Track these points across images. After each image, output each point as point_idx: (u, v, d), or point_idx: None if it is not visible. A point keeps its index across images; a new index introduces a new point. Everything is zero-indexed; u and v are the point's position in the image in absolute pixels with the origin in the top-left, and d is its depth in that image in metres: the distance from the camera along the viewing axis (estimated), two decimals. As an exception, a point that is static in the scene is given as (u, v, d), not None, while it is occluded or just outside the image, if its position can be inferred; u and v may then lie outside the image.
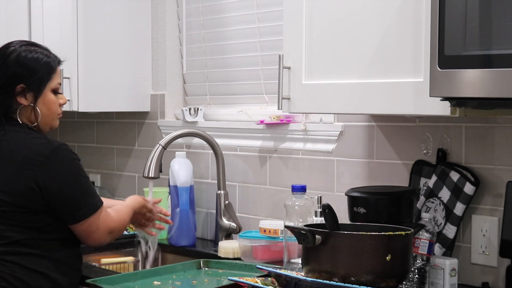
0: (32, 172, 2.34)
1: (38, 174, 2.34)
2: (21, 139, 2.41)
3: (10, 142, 2.40)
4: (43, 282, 2.38)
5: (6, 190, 2.35)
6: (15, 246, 2.37)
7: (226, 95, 3.36)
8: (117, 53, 3.46)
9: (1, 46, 2.52)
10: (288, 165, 2.98)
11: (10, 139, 2.40)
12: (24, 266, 2.36)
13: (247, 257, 2.80)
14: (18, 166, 2.35)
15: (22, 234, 2.37)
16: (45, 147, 2.38)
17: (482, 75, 1.83)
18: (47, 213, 2.38)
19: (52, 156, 2.36)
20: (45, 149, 2.37)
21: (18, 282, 2.34)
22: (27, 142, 2.39)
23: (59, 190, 2.36)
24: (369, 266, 2.11)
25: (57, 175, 2.36)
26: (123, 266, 3.10)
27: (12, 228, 2.36)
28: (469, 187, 2.38)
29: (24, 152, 2.37)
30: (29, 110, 2.46)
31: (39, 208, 2.36)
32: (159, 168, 2.94)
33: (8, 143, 2.40)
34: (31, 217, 2.36)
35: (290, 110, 2.43)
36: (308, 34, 2.36)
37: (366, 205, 2.38)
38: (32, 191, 2.34)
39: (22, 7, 3.55)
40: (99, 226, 2.43)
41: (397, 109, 2.16)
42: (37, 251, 2.38)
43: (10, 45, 2.51)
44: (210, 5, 3.38)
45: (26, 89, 2.45)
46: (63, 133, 4.05)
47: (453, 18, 1.87)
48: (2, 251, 2.36)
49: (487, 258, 2.40)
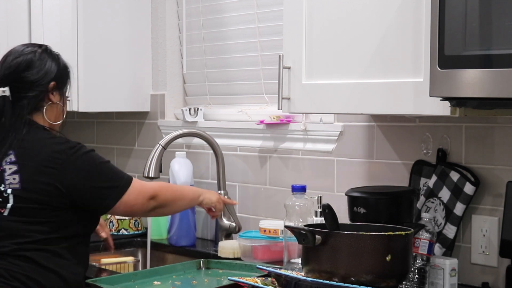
0: (55, 171, 2.37)
1: (61, 173, 2.37)
2: (42, 138, 2.44)
3: (31, 141, 2.42)
4: (55, 281, 2.38)
5: (28, 188, 2.37)
6: (31, 243, 2.38)
7: (226, 95, 3.36)
8: (117, 53, 3.46)
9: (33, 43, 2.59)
10: (288, 165, 2.98)
11: (31, 138, 2.43)
12: (38, 263, 2.37)
13: (247, 257, 2.80)
14: (40, 165, 2.37)
15: (40, 231, 2.38)
16: (65, 146, 2.41)
17: (482, 75, 1.83)
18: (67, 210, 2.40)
19: (73, 154, 2.40)
20: (66, 148, 2.40)
21: (31, 281, 2.35)
22: (48, 142, 2.43)
23: (84, 185, 2.39)
24: (369, 266, 2.11)
25: (79, 172, 2.39)
26: (123, 266, 3.10)
27: (30, 226, 2.37)
28: (469, 187, 2.38)
29: (45, 151, 2.39)
30: (54, 109, 2.50)
31: (60, 205, 2.38)
32: (159, 168, 2.94)
33: (30, 143, 2.42)
34: (50, 213, 2.38)
35: (290, 110, 2.43)
36: (308, 34, 2.36)
37: (366, 205, 2.38)
38: (56, 189, 2.36)
39: (22, 7, 3.55)
40: (136, 200, 2.46)
41: (397, 109, 2.16)
42: (53, 248, 2.39)
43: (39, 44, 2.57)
44: (210, 5, 3.38)
45: (56, 87, 2.49)
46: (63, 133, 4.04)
47: (453, 18, 1.87)
48: (18, 248, 2.37)
49: (487, 258, 2.40)
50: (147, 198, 2.49)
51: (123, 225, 3.35)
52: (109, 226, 3.37)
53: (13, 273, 2.34)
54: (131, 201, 2.45)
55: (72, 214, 2.41)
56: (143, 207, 2.49)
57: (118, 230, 3.35)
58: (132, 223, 3.37)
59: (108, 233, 2.85)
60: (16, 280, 2.34)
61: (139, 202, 2.47)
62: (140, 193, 2.47)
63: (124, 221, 3.35)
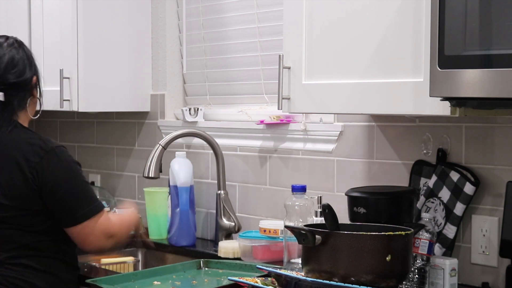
0: (30, 172, 2.34)
1: (35, 173, 2.34)
2: (18, 139, 2.40)
3: (8, 142, 2.40)
4: (53, 283, 2.38)
5: (7, 193, 2.35)
6: (24, 249, 2.37)
7: (226, 95, 3.36)
8: (117, 53, 3.46)
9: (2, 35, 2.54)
10: (288, 165, 2.98)
11: (8, 139, 2.40)
12: (35, 268, 2.36)
13: (247, 257, 2.80)
14: (16, 166, 2.35)
15: (30, 238, 2.37)
16: (41, 147, 2.38)
17: (482, 75, 1.83)
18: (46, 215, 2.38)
19: (48, 156, 2.37)
20: (42, 150, 2.37)
21: (27, 285, 2.35)
22: (24, 143, 2.39)
23: (54, 189, 2.35)
24: (369, 266, 2.11)
25: (53, 174, 2.36)
26: (123, 266, 3.10)
27: (20, 233, 2.36)
28: (469, 187, 2.38)
29: (21, 153, 2.37)
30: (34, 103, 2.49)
31: (39, 208, 2.36)
32: (159, 168, 2.94)
33: (6, 144, 2.40)
34: (32, 219, 2.36)
35: (290, 110, 2.43)
36: (308, 34, 2.36)
37: (366, 205, 2.38)
38: (31, 191, 2.34)
39: (22, 7, 3.55)
40: (94, 230, 2.42)
41: (397, 109, 2.16)
42: (47, 253, 2.39)
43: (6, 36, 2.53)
44: (210, 5, 3.38)
45: (37, 81, 2.47)
46: (63, 133, 4.05)
47: (453, 18, 1.87)
48: (12, 256, 2.36)
49: (487, 258, 2.40)
50: (105, 236, 2.45)
51: (123, 225, 3.35)
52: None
53: (11, 279, 2.34)
54: (88, 229, 2.40)
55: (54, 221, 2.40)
56: (99, 243, 2.45)
57: (118, 230, 3.34)
58: (132, 223, 3.36)
59: None
60: (14, 285, 2.33)
61: (96, 234, 2.42)
62: (101, 225, 2.43)
63: (124, 221, 3.35)
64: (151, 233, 3.27)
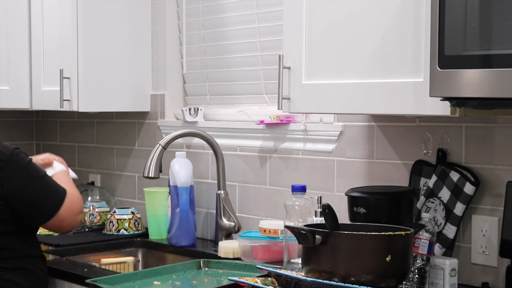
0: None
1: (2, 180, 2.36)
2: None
3: None
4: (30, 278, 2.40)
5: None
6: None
7: (226, 95, 3.36)
8: (117, 53, 3.46)
9: None
10: (288, 165, 2.98)
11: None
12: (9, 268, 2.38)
13: (247, 257, 2.80)
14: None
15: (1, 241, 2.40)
16: (1, 153, 2.39)
17: (482, 75, 1.83)
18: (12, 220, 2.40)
19: (9, 161, 2.38)
20: (2, 155, 2.38)
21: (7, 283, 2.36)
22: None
23: (20, 194, 2.39)
24: (369, 266, 2.11)
25: (16, 179, 2.40)
26: (123, 266, 3.10)
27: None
28: (469, 187, 2.38)
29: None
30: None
31: (5, 215, 2.38)
32: (159, 168, 2.94)
33: None
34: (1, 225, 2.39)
35: (290, 110, 2.43)
36: (308, 34, 2.36)
37: (366, 205, 2.38)
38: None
39: (22, 7, 3.55)
40: (67, 215, 2.49)
41: (397, 109, 2.16)
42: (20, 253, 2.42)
43: None
44: (210, 5, 3.38)
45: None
46: (63, 133, 4.05)
47: (453, 18, 1.87)
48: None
49: (487, 258, 2.40)
50: (76, 216, 2.53)
51: (123, 225, 3.35)
52: (109, 226, 3.37)
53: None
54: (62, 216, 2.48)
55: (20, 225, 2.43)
56: (72, 224, 2.53)
57: (118, 230, 3.34)
58: (132, 223, 3.37)
59: None
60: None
61: (69, 218, 2.50)
62: (70, 209, 2.50)
63: (124, 221, 3.35)
64: (151, 233, 3.28)
